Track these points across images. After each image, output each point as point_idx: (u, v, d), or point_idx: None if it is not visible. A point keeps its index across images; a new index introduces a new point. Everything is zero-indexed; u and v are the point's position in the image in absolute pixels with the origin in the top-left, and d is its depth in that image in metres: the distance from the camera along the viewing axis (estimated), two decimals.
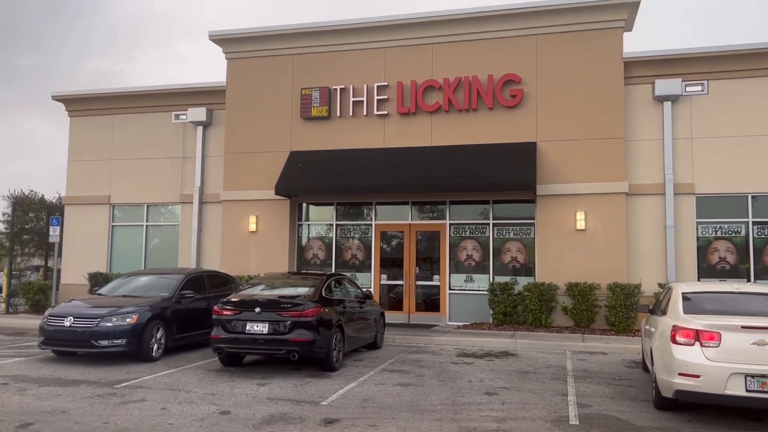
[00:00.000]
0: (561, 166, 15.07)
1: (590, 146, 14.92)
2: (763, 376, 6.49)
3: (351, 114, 16.42)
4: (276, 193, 16.11)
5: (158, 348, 10.71)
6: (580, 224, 14.83)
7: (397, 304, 16.49)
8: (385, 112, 16.17)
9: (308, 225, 17.47)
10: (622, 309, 13.92)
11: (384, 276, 16.71)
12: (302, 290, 10.30)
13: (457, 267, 16.14)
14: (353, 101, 16.39)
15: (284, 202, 16.81)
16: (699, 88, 14.80)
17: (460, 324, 15.38)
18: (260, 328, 9.49)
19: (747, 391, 6.53)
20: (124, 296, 11.44)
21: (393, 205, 16.80)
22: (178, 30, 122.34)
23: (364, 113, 16.31)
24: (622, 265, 14.52)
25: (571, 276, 14.68)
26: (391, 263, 16.82)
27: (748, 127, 14.49)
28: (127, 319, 10.31)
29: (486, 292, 15.31)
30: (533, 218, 15.54)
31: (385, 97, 16.20)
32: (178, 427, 6.59)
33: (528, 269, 15.64)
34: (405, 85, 16.06)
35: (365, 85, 16.33)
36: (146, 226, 18.62)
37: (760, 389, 6.49)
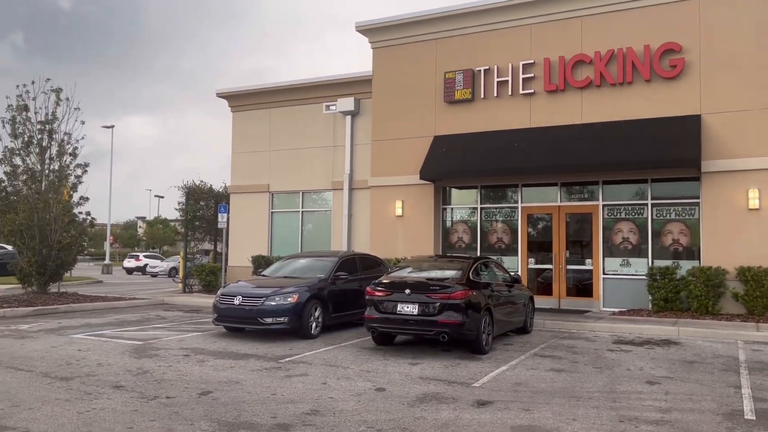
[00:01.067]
0: (730, 139, 13.75)
1: (763, 117, 13.46)
2: None
3: (495, 95, 16.17)
4: (421, 178, 16.35)
5: (316, 326, 11.38)
6: (753, 203, 13.48)
7: (546, 289, 16.08)
8: (531, 91, 15.73)
9: (452, 209, 17.54)
10: None
11: (531, 260, 16.35)
12: (450, 273, 10.39)
13: (611, 250, 15.38)
14: (497, 81, 16.13)
15: (429, 187, 17.00)
16: None
17: (616, 310, 14.67)
18: (410, 309, 9.73)
19: None
20: (285, 277, 12.27)
21: (540, 186, 16.35)
22: (324, 24, 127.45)
23: (509, 93, 15.99)
24: None
25: (743, 260, 13.41)
26: (539, 247, 16.42)
27: None
28: (289, 299, 11.05)
29: (644, 277, 14.46)
30: (697, 197, 14.37)
31: (531, 75, 15.74)
32: (337, 401, 6.99)
33: (691, 252, 14.53)
34: (552, 62, 15.50)
35: (510, 65, 15.98)
36: (301, 212, 19.77)
37: None
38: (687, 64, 14.16)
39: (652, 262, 14.69)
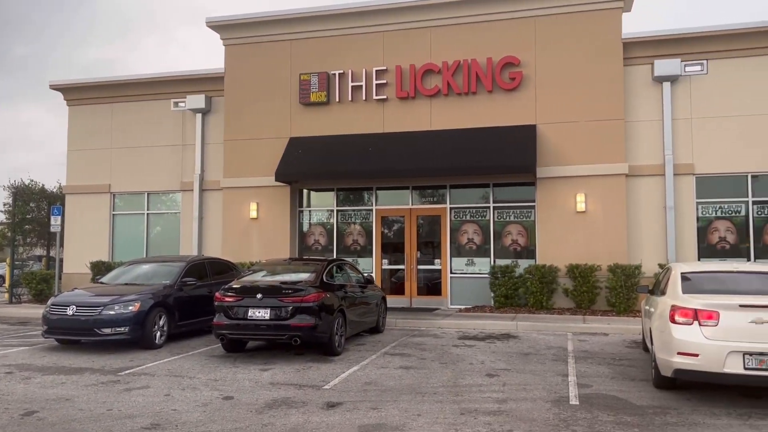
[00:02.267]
0: (561, 148, 15.04)
1: (590, 128, 14.88)
2: (762, 353, 6.53)
3: (350, 99, 16.37)
4: (276, 180, 16.12)
5: (161, 335, 10.78)
6: (581, 206, 14.84)
7: (398, 289, 16.56)
8: (384, 97, 16.12)
9: (309, 211, 17.50)
10: (623, 290, 13.97)
11: (385, 261, 16.76)
12: (303, 276, 10.34)
13: (458, 251, 16.18)
14: (352, 86, 16.34)
15: (284, 189, 16.82)
16: (698, 68, 14.72)
17: (462, 307, 15.45)
18: (262, 313, 9.54)
19: (745, 369, 6.58)
20: (126, 284, 11.50)
21: (393, 190, 16.81)
22: (178, 17, 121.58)
23: (363, 98, 16.26)
24: (622, 247, 14.54)
25: (572, 258, 14.71)
26: (393, 248, 16.87)
27: (747, 106, 14.43)
28: (130, 307, 10.37)
29: (487, 276, 15.37)
30: (534, 201, 15.54)
31: (384, 81, 16.14)
32: (181, 412, 6.66)
33: (529, 252, 15.68)
34: (404, 69, 16.00)
35: (364, 70, 16.26)
36: (147, 214, 18.65)
37: (758, 367, 6.53)
38: (525, 77, 15.29)
39: (494, 262, 15.67)
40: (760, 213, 14.54)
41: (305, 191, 17.52)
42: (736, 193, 14.64)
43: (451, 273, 16.12)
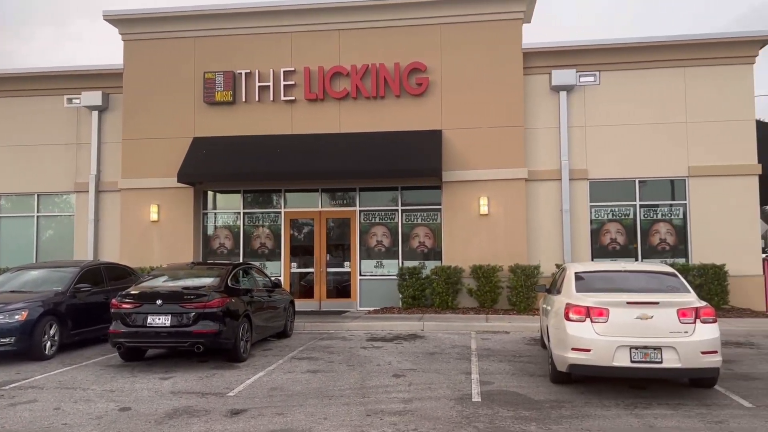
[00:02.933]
0: (465, 153, 15.48)
1: (492, 134, 15.41)
2: (646, 347, 7.01)
3: (257, 99, 16.09)
4: (179, 181, 15.57)
5: (51, 345, 10.13)
6: (484, 209, 15.33)
7: (308, 292, 16.43)
8: (293, 98, 15.97)
9: (214, 214, 17.02)
10: (523, 289, 14.57)
11: (294, 264, 16.59)
12: (207, 280, 10.05)
13: (367, 253, 16.27)
14: (259, 86, 16.06)
15: (188, 190, 16.27)
16: (591, 78, 15.61)
17: (371, 309, 15.55)
18: (162, 320, 9.18)
19: (632, 362, 7.03)
20: (13, 292, 10.72)
21: (302, 192, 16.68)
22: (76, 8, 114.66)
23: (271, 99, 16.03)
24: (522, 248, 15.16)
25: (476, 259, 15.17)
26: (302, 251, 16.72)
27: (635, 115, 15.44)
28: (16, 316, 9.67)
29: (395, 277, 15.55)
30: (440, 204, 15.90)
31: (292, 82, 15.98)
32: (73, 426, 6.29)
33: (436, 253, 16.02)
34: (312, 71, 15.92)
35: (271, 70, 16.03)
36: (37, 216, 17.47)
37: (643, 360, 7.00)
38: (431, 83, 15.62)
39: (402, 263, 15.89)
40: (646, 216, 15.60)
41: (210, 193, 17.03)
42: (626, 197, 15.63)
43: (360, 275, 16.19)
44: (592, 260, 15.20)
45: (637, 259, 15.34)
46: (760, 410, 6.68)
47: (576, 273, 8.39)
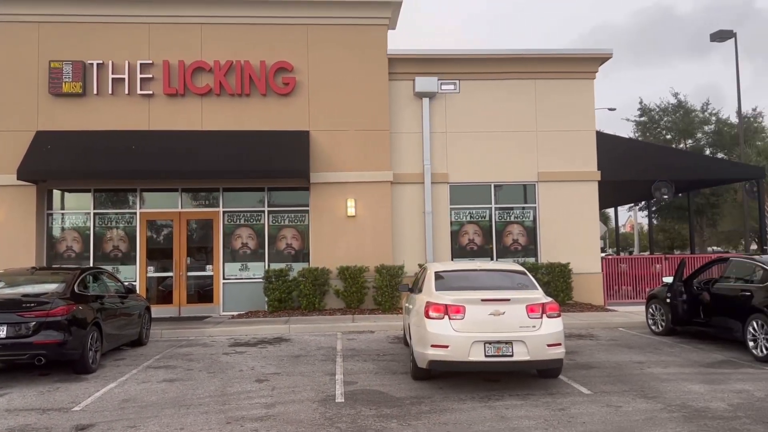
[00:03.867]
0: (332, 155, 15.54)
1: (359, 137, 15.61)
2: (499, 342, 7.41)
3: (110, 92, 15.07)
4: (19, 178, 14.17)
5: None
6: (351, 211, 15.48)
7: (167, 297, 15.65)
8: (151, 92, 15.14)
9: (61, 214, 15.70)
10: (388, 289, 14.89)
11: (152, 268, 15.72)
12: (50, 287, 9.23)
13: (232, 255, 15.80)
14: (113, 78, 15.06)
15: (29, 189, 14.87)
16: (452, 87, 16.32)
17: (235, 314, 15.12)
18: None
19: (486, 356, 7.41)
20: None
21: (161, 192, 15.86)
22: None
23: (126, 92, 15.08)
24: (388, 249, 15.49)
25: (343, 260, 15.28)
26: (161, 254, 15.88)
27: (491, 123, 16.35)
28: None
29: (261, 280, 15.25)
30: (307, 205, 15.82)
31: (150, 75, 15.15)
32: None
33: (303, 255, 15.91)
34: (172, 65, 15.19)
35: (127, 62, 15.09)
36: None
37: (496, 354, 7.40)
38: (298, 83, 15.51)
39: (269, 266, 15.61)
40: (501, 218, 16.56)
41: (56, 192, 15.69)
42: (483, 200, 16.49)
43: (224, 279, 15.68)
44: (453, 260, 15.87)
45: (492, 259, 16.24)
46: (597, 396, 7.31)
47: (436, 272, 8.70)
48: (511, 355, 7.40)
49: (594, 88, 16.72)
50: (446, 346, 7.46)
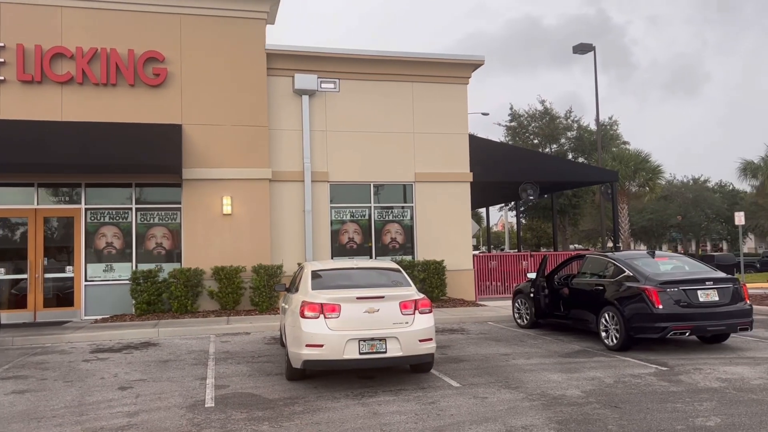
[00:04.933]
0: (207, 150, 15.00)
1: (236, 132, 15.19)
2: (373, 339, 7.50)
3: None
4: None
5: None
6: (227, 209, 15.03)
7: (20, 302, 14.35)
8: (2, 78, 13.82)
9: None
10: (266, 289, 14.61)
11: (2, 270, 14.34)
12: None
13: (96, 256, 14.78)
14: None
15: None
16: (332, 85, 16.33)
17: (99, 318, 14.18)
18: None
19: (360, 353, 7.46)
20: None
21: (14, 186, 14.51)
22: None
23: None
24: (266, 248, 15.20)
25: (218, 260, 14.80)
26: (14, 254, 14.54)
27: (371, 123, 16.55)
28: None
29: (128, 282, 14.40)
30: (180, 203, 15.15)
31: (2, 60, 13.82)
32: None
33: (176, 255, 15.21)
34: (28, 49, 13.96)
35: None
36: None
37: (370, 351, 7.48)
38: (170, 74, 14.81)
39: (137, 266, 14.78)
40: (380, 217, 16.79)
41: None
42: (362, 199, 16.64)
43: (86, 281, 14.63)
44: (332, 258, 15.88)
45: (372, 257, 16.44)
46: (465, 388, 7.60)
47: (313, 271, 8.65)
48: (385, 352, 7.51)
49: (467, 93, 17.43)
50: (321, 345, 7.43)
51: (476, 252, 22.93)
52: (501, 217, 61.12)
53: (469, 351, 10.12)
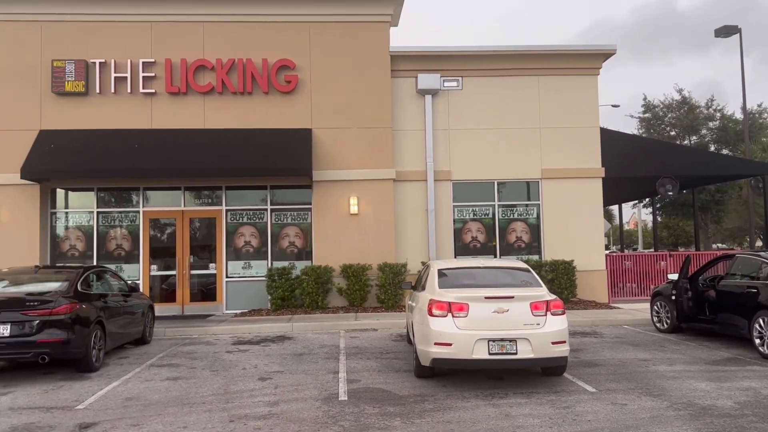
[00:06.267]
0: (335, 152, 15.51)
1: (361, 134, 15.57)
2: (502, 340, 7.37)
3: (113, 91, 15.05)
4: (22, 177, 14.17)
5: None
6: (354, 209, 15.45)
7: (170, 296, 15.64)
8: (153, 91, 15.13)
9: (65, 213, 15.70)
10: (391, 287, 14.86)
11: (155, 267, 15.71)
12: (53, 285, 9.23)
13: (235, 254, 15.79)
14: (115, 77, 15.04)
15: (33, 188, 14.88)
16: (455, 83, 16.26)
17: (238, 312, 15.11)
18: (0, 330, 8.29)
19: (489, 354, 7.37)
20: None
21: (163, 190, 15.85)
22: None
23: (128, 91, 15.07)
24: (390, 246, 15.45)
25: (346, 258, 15.25)
26: (164, 253, 15.88)
27: (494, 120, 16.29)
28: None
29: (264, 278, 15.23)
30: (310, 203, 15.79)
31: (152, 74, 15.14)
32: None
33: (306, 253, 15.88)
34: (174, 63, 15.18)
35: (129, 61, 15.08)
36: None
37: (500, 351, 7.36)
38: (300, 81, 15.48)
39: (272, 264, 15.59)
40: (504, 215, 16.50)
41: (60, 191, 15.70)
42: (486, 197, 16.43)
43: (227, 277, 15.67)
44: (456, 257, 15.83)
45: (496, 256, 16.19)
46: (602, 394, 7.27)
47: (439, 270, 8.66)
48: (515, 353, 7.36)
49: (598, 84, 16.65)
50: (450, 344, 7.42)
51: (607, 251, 21.84)
52: (633, 214, 57.78)
53: (603, 355, 9.67)
